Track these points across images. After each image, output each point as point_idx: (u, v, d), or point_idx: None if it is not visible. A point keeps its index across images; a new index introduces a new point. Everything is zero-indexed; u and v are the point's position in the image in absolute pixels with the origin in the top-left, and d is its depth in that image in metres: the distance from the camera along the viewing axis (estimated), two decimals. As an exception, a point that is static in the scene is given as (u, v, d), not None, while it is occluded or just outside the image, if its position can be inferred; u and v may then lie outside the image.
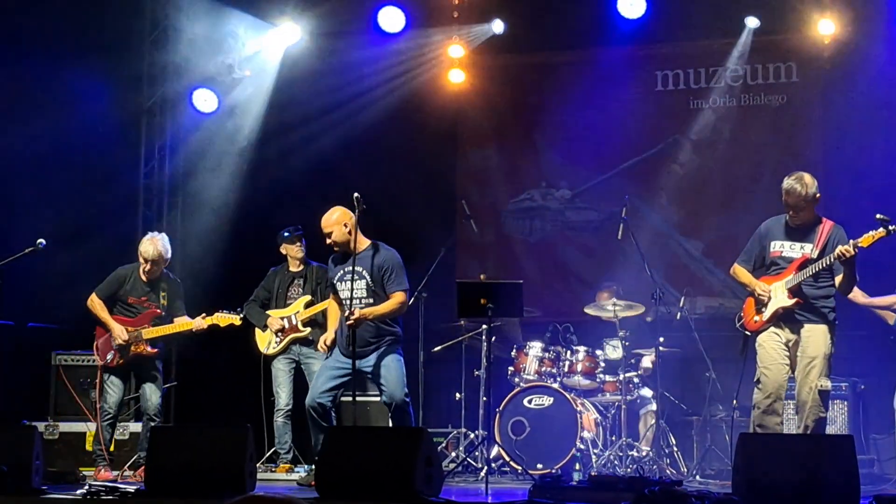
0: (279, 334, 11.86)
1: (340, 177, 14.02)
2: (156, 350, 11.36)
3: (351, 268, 9.95)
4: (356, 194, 10.08)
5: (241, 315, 11.59)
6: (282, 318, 11.88)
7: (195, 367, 14.05)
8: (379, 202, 10.68)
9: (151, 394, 11.30)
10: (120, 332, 11.23)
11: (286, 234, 12.12)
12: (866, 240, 9.06)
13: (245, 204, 14.66)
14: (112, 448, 11.54)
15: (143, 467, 10.94)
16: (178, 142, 14.99)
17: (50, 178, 13.47)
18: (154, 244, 11.37)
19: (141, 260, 11.36)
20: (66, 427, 12.16)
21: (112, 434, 11.47)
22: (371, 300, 10.06)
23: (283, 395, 11.86)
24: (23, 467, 8.71)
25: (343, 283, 10.08)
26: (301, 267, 12.09)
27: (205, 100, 14.77)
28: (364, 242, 10.17)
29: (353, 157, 14.39)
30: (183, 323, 11.47)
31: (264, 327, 11.94)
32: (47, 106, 13.36)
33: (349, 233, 10.04)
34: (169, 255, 11.55)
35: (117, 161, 14.25)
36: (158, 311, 11.41)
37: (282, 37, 14.73)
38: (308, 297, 11.87)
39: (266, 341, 11.96)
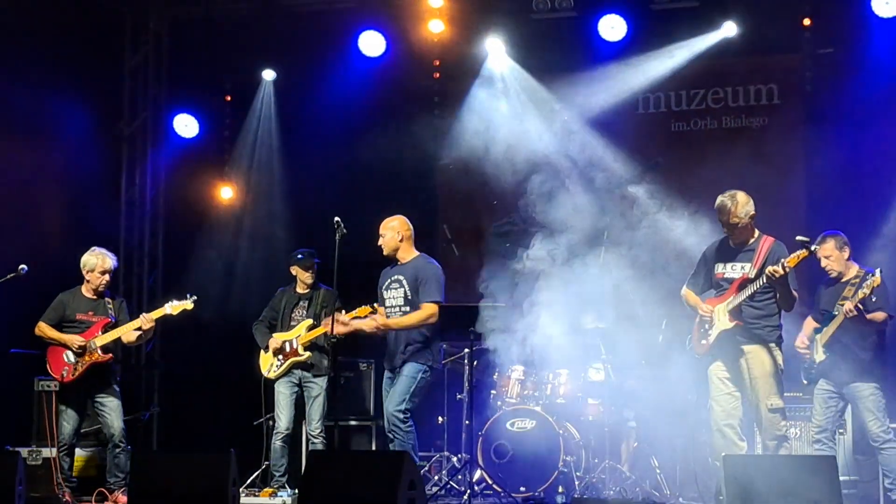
0: (279, 357, 11.72)
1: (321, 201, 14.04)
2: (110, 356, 11.26)
3: (392, 277, 10.69)
4: (336, 218, 10.13)
5: (193, 298, 11.55)
6: (283, 341, 11.76)
7: (186, 391, 14.08)
8: (360, 226, 10.68)
9: (114, 420, 11.25)
10: (73, 339, 11.17)
11: (299, 256, 11.98)
12: (792, 260, 9.14)
13: (227, 228, 14.67)
14: (76, 474, 11.58)
15: (112, 494, 10.96)
16: (158, 167, 15.00)
17: (31, 204, 13.46)
18: (104, 255, 11.48)
19: (97, 273, 11.35)
20: (48, 453, 12.10)
21: (71, 462, 11.43)
22: (408, 308, 10.47)
23: (283, 419, 11.70)
24: (5, 493, 8.70)
25: (389, 291, 10.62)
26: (308, 290, 11.96)
27: (185, 125, 14.79)
28: (412, 254, 10.70)
29: (334, 182, 14.37)
30: (132, 322, 11.38)
31: (266, 348, 11.83)
32: (28, 133, 13.36)
33: (400, 241, 10.65)
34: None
35: (98, 187, 14.26)
36: (108, 318, 11.35)
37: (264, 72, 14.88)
38: (310, 321, 11.70)
39: (268, 364, 11.81)
